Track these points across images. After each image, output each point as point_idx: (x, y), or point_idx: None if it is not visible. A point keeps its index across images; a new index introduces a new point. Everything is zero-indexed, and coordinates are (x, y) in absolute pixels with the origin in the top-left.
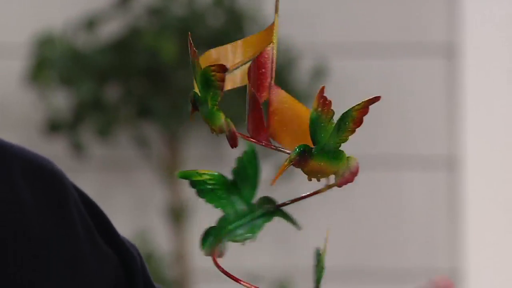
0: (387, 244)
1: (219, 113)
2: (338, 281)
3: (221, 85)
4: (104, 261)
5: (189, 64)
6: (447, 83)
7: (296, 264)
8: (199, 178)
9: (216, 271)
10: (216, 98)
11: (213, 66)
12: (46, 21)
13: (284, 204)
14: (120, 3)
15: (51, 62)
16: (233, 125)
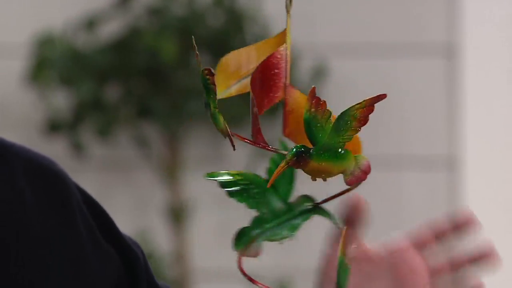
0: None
1: (220, 116)
2: None
3: (214, 88)
4: (106, 261)
5: (189, 64)
6: (447, 83)
7: (296, 264)
8: (229, 179)
9: (216, 271)
10: (215, 101)
11: (206, 70)
12: (46, 21)
13: (324, 202)
14: (120, 3)
15: (51, 62)
16: (227, 128)
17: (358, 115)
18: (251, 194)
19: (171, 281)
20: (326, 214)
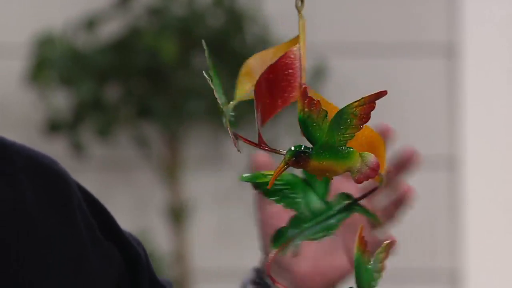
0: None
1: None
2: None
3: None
4: (107, 259)
5: (189, 64)
6: (447, 83)
7: None
8: (264, 180)
9: (216, 271)
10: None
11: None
12: (46, 21)
13: (362, 198)
14: (120, 3)
15: (51, 62)
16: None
17: (359, 113)
18: (288, 194)
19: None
20: (365, 211)
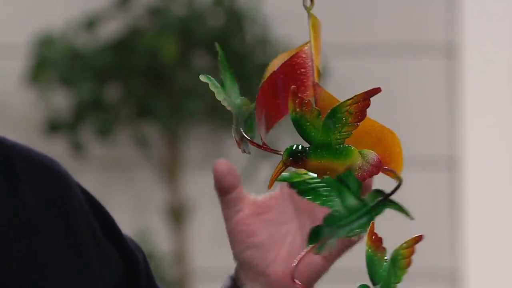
0: (387, 244)
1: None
2: (337, 281)
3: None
4: (106, 261)
5: (189, 64)
6: (447, 83)
7: None
8: (299, 179)
9: (216, 271)
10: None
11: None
12: (46, 21)
13: (393, 192)
14: (120, 3)
15: (51, 62)
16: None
17: (353, 110)
18: (322, 192)
19: (171, 281)
20: (398, 207)
